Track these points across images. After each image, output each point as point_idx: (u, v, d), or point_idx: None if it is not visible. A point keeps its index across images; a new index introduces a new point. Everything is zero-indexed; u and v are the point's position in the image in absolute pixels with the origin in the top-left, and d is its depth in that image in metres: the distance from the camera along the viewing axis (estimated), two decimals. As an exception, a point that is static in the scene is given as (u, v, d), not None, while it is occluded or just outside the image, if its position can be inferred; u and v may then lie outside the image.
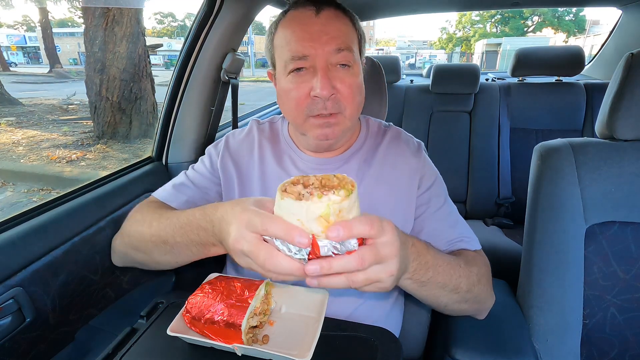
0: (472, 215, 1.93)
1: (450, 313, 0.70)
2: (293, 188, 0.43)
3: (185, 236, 0.60)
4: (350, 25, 0.69)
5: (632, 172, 0.76)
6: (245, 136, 0.83)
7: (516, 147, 1.88)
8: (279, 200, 0.42)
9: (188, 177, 0.81)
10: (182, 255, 0.63)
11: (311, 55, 0.64)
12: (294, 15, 0.67)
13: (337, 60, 0.65)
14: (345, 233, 0.40)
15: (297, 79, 0.66)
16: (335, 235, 0.39)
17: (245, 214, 0.45)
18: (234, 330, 0.50)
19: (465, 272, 0.62)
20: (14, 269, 0.68)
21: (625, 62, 0.76)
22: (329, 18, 0.65)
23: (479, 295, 0.66)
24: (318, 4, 0.67)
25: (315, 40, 0.63)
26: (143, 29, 4.46)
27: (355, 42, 0.69)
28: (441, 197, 0.76)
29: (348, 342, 0.57)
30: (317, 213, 0.40)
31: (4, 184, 4.18)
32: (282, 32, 0.68)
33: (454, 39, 31.92)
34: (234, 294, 0.54)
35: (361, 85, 0.70)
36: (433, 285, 0.58)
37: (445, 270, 0.59)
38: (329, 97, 0.64)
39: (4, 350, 0.66)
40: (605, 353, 0.79)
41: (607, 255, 0.78)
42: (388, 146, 0.78)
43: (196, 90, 1.17)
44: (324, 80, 0.63)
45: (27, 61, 27.57)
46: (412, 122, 2.03)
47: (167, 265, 0.70)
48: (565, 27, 25.35)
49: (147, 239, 0.66)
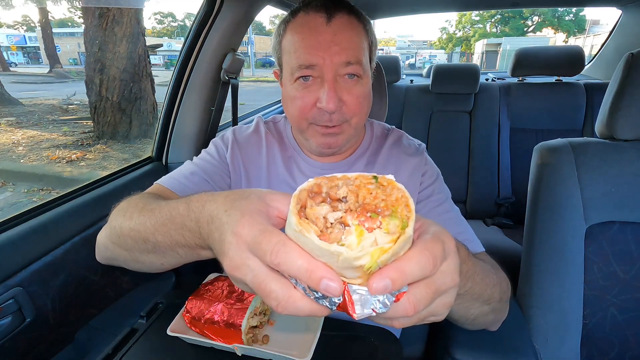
0: (472, 215, 1.93)
1: (473, 327, 0.61)
2: (315, 211, 0.29)
3: (168, 236, 0.46)
4: (362, 33, 0.66)
5: (632, 172, 0.76)
6: (252, 132, 0.81)
7: (516, 147, 1.88)
8: (296, 228, 0.27)
9: (198, 166, 0.73)
10: (167, 257, 0.49)
11: (319, 65, 0.62)
12: (305, 20, 0.64)
13: (345, 72, 0.63)
14: (397, 284, 0.27)
15: (303, 87, 0.64)
16: (382, 288, 0.27)
17: (248, 228, 0.32)
18: (234, 330, 0.50)
19: (497, 280, 0.55)
20: (14, 269, 0.68)
21: (625, 62, 0.76)
22: (341, 26, 0.63)
23: (506, 303, 0.60)
24: (330, 10, 0.63)
25: (325, 50, 0.61)
26: (143, 29, 4.46)
27: (365, 52, 0.66)
28: (443, 194, 0.75)
29: (348, 342, 0.57)
30: (358, 263, 0.26)
31: (4, 184, 4.18)
32: (290, 36, 0.65)
33: (454, 39, 31.92)
34: (234, 294, 0.54)
35: (369, 94, 0.69)
36: (468, 296, 0.48)
37: (483, 279, 0.50)
38: (336, 110, 0.63)
39: (4, 350, 0.66)
40: (605, 353, 0.79)
41: (607, 255, 0.78)
42: (390, 148, 0.78)
43: (196, 90, 1.17)
44: (331, 93, 0.61)
45: (27, 61, 27.58)
46: (412, 122, 2.03)
47: (153, 267, 0.54)
48: (565, 27, 25.36)
49: (126, 234, 0.52)
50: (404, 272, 0.27)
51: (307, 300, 0.29)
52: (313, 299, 0.29)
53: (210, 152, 0.78)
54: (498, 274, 0.58)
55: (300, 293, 0.29)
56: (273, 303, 0.30)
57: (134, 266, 0.57)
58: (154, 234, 0.48)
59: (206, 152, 0.78)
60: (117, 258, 0.58)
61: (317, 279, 0.27)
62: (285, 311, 0.30)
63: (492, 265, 0.60)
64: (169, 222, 0.46)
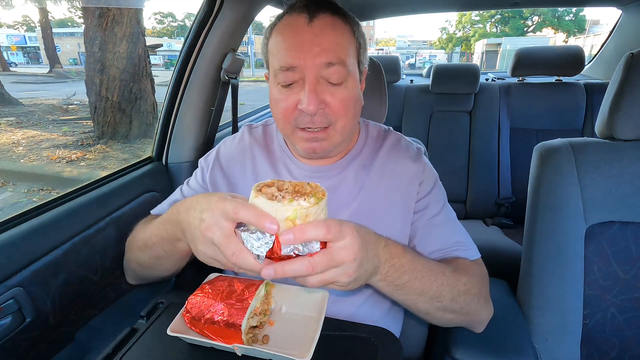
0: (472, 215, 1.93)
1: (434, 321, 0.66)
2: (267, 189, 0.46)
3: (158, 234, 0.63)
4: (348, 34, 0.64)
5: (632, 172, 0.76)
6: (237, 144, 0.80)
7: (516, 147, 1.88)
8: (253, 198, 0.45)
9: (183, 193, 0.80)
10: (161, 258, 0.66)
11: (300, 67, 0.60)
12: (288, 22, 0.63)
13: (327, 75, 0.61)
14: (297, 237, 0.42)
15: (285, 89, 0.63)
16: (286, 238, 0.42)
17: (222, 202, 0.46)
18: (234, 330, 0.50)
19: (450, 281, 0.60)
20: (14, 269, 0.68)
21: (625, 62, 0.76)
22: (323, 27, 0.61)
23: (466, 306, 0.62)
24: (313, 10, 0.62)
25: (306, 51, 0.60)
26: (143, 29, 4.46)
27: (351, 53, 0.64)
28: (439, 203, 0.73)
29: (348, 342, 0.57)
30: (285, 215, 0.43)
31: (4, 184, 4.18)
32: (274, 38, 0.64)
33: (454, 39, 31.92)
34: (234, 294, 0.54)
35: (356, 97, 0.66)
36: (410, 290, 0.56)
37: (425, 276, 0.57)
38: (317, 112, 0.61)
39: (4, 350, 0.66)
40: (605, 353, 0.79)
41: (607, 255, 0.78)
42: (388, 152, 0.76)
43: (196, 90, 1.17)
44: (311, 95, 0.60)
45: (27, 61, 27.59)
46: (412, 122, 2.03)
47: (155, 269, 0.71)
48: (565, 27, 25.35)
49: (135, 247, 0.71)
50: (303, 230, 0.42)
51: (252, 257, 0.44)
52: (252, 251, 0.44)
53: (196, 176, 0.81)
54: (457, 276, 0.61)
55: (248, 251, 0.45)
56: (229, 253, 0.45)
57: (143, 275, 0.75)
58: (150, 237, 0.65)
59: (193, 177, 0.82)
60: (135, 273, 0.76)
61: (263, 221, 0.42)
62: (237, 260, 0.45)
63: (455, 270, 0.62)
64: (160, 223, 0.62)
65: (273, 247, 0.44)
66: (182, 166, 1.21)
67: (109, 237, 0.88)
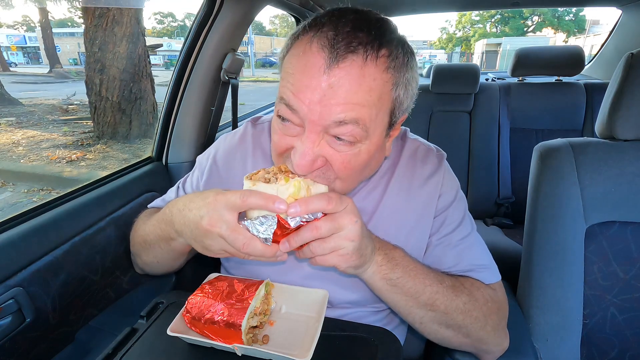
0: (472, 215, 1.92)
1: (431, 336, 0.62)
2: (257, 176, 0.48)
3: (154, 232, 0.64)
4: (380, 88, 0.49)
5: (632, 172, 0.76)
6: (238, 142, 0.74)
7: (516, 147, 1.88)
8: (250, 186, 0.47)
9: (177, 195, 0.78)
10: (159, 256, 0.68)
11: (303, 114, 0.49)
12: (306, 50, 0.49)
13: (336, 132, 0.49)
14: (303, 208, 0.44)
15: (282, 124, 0.53)
16: (294, 211, 0.44)
17: (221, 196, 0.47)
18: (234, 330, 0.50)
19: (447, 292, 0.57)
20: (14, 269, 0.68)
21: (625, 62, 0.76)
22: (345, 77, 0.46)
23: (465, 327, 0.59)
24: (338, 50, 0.46)
25: (314, 102, 0.47)
26: (143, 29, 4.46)
27: (378, 113, 0.50)
28: (455, 219, 0.66)
29: (348, 342, 0.57)
30: (288, 193, 0.45)
31: (4, 184, 4.18)
32: (289, 59, 0.52)
33: (454, 39, 31.93)
34: (234, 294, 0.53)
35: (369, 159, 0.54)
36: (403, 289, 0.56)
37: (418, 276, 0.56)
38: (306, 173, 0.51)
39: (4, 350, 0.66)
40: (605, 353, 0.79)
41: (607, 255, 0.78)
42: (405, 168, 0.68)
43: (196, 90, 1.17)
44: (306, 156, 0.50)
45: (27, 61, 27.56)
46: (412, 122, 2.03)
47: (156, 266, 0.73)
48: (565, 27, 25.37)
49: (136, 242, 0.73)
50: (307, 201, 0.44)
51: (259, 242, 0.47)
52: (258, 236, 0.47)
53: (194, 173, 0.78)
54: (456, 292, 0.58)
55: (257, 238, 0.47)
56: (240, 244, 0.46)
57: (149, 268, 0.76)
58: (148, 234, 0.66)
59: (191, 174, 0.79)
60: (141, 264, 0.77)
61: (272, 201, 0.44)
62: (248, 249, 0.47)
63: (455, 285, 0.59)
64: (156, 221, 0.63)
65: (276, 230, 0.46)
66: (182, 166, 1.21)
67: (109, 237, 0.88)
